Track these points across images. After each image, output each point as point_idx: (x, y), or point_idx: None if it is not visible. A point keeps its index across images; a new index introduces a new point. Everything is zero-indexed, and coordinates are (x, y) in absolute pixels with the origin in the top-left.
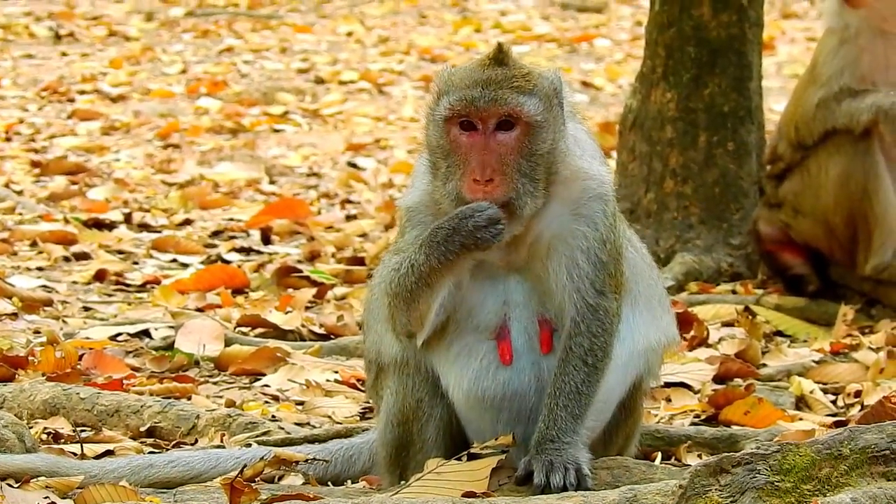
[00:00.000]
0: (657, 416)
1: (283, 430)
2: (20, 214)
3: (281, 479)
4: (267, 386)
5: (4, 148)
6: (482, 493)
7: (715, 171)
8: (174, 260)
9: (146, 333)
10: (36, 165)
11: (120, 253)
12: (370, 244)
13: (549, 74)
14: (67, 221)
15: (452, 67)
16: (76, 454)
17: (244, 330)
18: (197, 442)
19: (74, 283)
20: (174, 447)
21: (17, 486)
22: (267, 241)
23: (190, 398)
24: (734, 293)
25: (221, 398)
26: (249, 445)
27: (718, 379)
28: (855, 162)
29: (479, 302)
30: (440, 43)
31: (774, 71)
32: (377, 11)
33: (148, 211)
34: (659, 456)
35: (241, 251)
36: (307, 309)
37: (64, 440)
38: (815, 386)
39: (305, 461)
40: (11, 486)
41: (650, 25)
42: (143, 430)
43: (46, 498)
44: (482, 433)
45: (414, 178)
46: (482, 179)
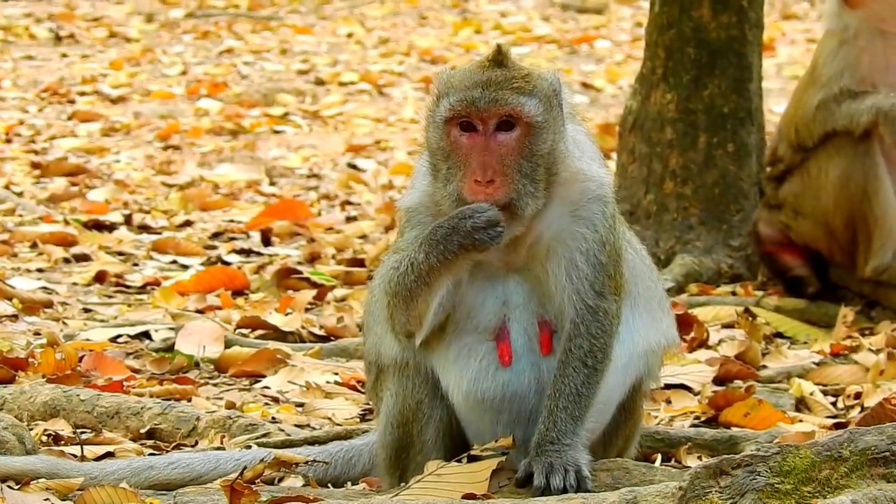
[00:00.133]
0: (657, 417)
1: (283, 431)
2: (20, 216)
3: (281, 480)
4: (267, 388)
5: (5, 149)
6: (482, 494)
7: (715, 172)
8: (174, 261)
9: (146, 335)
10: (36, 167)
11: (120, 254)
12: (370, 246)
13: (548, 76)
14: (67, 223)
15: (452, 69)
16: (76, 456)
17: (244, 332)
18: (197, 444)
19: (74, 284)
20: (174, 449)
21: (17, 487)
22: (267, 242)
23: (190, 400)
24: (734, 295)
25: (221, 400)
26: (249, 447)
27: (718, 380)
28: (855, 163)
29: (478, 303)
30: (440, 44)
31: (774, 72)
32: (377, 13)
33: (148, 212)
34: (659, 458)
35: (241, 253)
36: (307, 310)
37: (64, 442)
38: (815, 388)
39: (305, 463)
40: (11, 487)
41: (650, 27)
42: (143, 431)
43: (47, 500)
44: (482, 435)
45: (414, 179)
46: (483, 181)
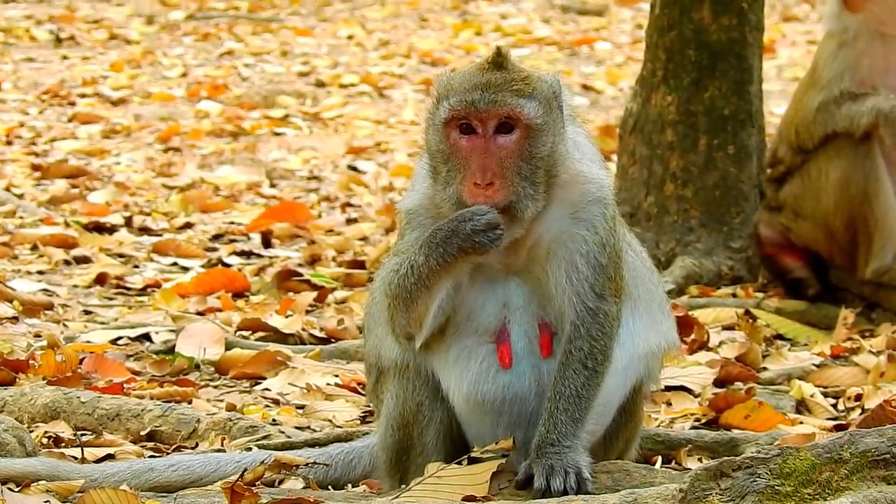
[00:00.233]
0: (657, 419)
1: (283, 433)
2: (21, 218)
3: (281, 482)
4: (267, 390)
5: (5, 151)
6: (482, 497)
7: (715, 174)
8: (175, 263)
9: (147, 337)
10: (36, 169)
11: (120, 256)
12: (371, 248)
13: (548, 78)
14: (68, 225)
15: (452, 72)
16: (77, 458)
17: (245, 334)
18: (197, 446)
19: (75, 286)
20: (175, 451)
21: (17, 490)
22: (267, 244)
23: (190, 402)
24: (734, 297)
25: (222, 402)
26: (250, 449)
27: (719, 382)
28: (855, 165)
29: (478, 305)
30: (441, 46)
31: (775, 74)
32: (378, 15)
33: (148, 214)
34: (659, 460)
35: (241, 255)
36: (308, 312)
37: (64, 444)
38: (815, 389)
39: (306, 465)
40: (12, 490)
41: (650, 29)
42: (143, 433)
43: (47, 502)
44: (482, 437)
45: (414, 180)
46: (483, 183)
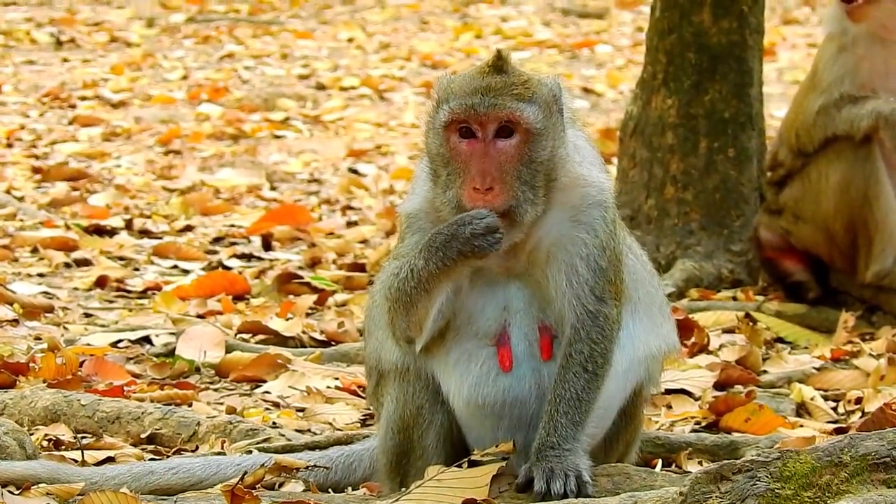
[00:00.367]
0: (658, 422)
1: (283, 436)
2: (21, 220)
3: (281, 485)
4: (268, 392)
5: (6, 154)
6: (483, 500)
7: (715, 177)
8: (175, 266)
9: (147, 340)
10: (37, 171)
11: (121, 259)
12: (371, 250)
13: (548, 81)
14: (68, 227)
15: (452, 75)
16: (77, 461)
17: (245, 336)
18: (198, 448)
19: (75, 289)
20: (175, 454)
21: (17, 492)
22: (268, 247)
23: (191, 405)
24: (735, 300)
25: (222, 405)
26: (250, 452)
27: (719, 386)
28: (855, 168)
29: (478, 308)
30: (441, 49)
31: (775, 77)
32: (378, 17)
33: (149, 217)
34: (659, 463)
35: (242, 257)
36: (308, 315)
37: (65, 447)
38: (815, 393)
39: (306, 468)
40: (12, 492)
41: (651, 31)
42: (143, 436)
43: None
44: (483, 440)
45: (414, 184)
46: (482, 188)
